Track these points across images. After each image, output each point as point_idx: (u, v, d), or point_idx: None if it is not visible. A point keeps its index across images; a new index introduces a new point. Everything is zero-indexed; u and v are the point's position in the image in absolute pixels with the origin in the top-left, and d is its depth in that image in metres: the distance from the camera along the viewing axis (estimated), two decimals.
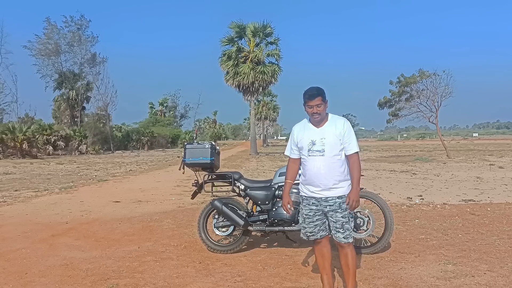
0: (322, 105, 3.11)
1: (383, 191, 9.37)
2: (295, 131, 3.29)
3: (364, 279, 3.72)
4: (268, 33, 30.36)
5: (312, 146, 3.13)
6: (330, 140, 3.09)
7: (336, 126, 3.13)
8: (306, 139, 3.16)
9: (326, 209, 3.13)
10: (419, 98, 24.37)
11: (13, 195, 9.79)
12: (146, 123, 55.11)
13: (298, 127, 3.29)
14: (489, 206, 7.33)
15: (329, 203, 3.11)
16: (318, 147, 3.10)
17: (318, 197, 3.14)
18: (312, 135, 3.15)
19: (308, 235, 3.25)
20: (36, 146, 29.24)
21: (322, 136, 3.11)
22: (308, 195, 3.20)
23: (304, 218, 3.24)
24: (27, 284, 3.76)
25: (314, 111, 3.11)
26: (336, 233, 3.13)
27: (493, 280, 3.62)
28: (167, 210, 7.43)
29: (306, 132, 3.19)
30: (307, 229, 3.24)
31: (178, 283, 3.72)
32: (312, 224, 3.20)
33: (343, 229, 3.10)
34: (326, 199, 3.12)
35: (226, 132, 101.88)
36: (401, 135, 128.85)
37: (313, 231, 3.21)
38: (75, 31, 40.66)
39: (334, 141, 3.10)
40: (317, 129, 3.16)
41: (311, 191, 3.16)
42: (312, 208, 3.18)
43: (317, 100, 3.09)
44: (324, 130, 3.14)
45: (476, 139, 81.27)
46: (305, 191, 3.22)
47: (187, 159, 4.70)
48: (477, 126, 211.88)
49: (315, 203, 3.17)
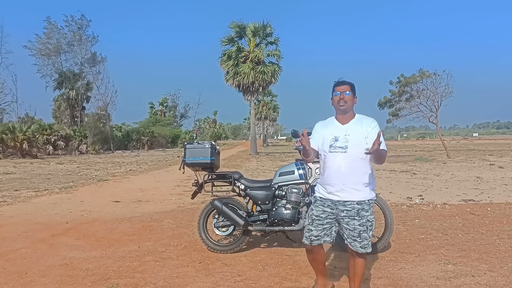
0: (350, 93, 2.96)
1: (383, 191, 9.37)
2: (318, 127, 3.12)
3: (364, 279, 3.71)
4: (268, 33, 30.39)
5: (335, 142, 2.94)
6: (354, 138, 2.91)
7: (362, 124, 2.96)
8: (329, 135, 2.98)
9: (342, 213, 2.90)
10: (419, 98, 24.36)
11: (13, 195, 9.79)
12: (146, 123, 55.13)
13: (322, 123, 3.13)
14: (489, 206, 7.33)
15: (346, 207, 2.89)
16: (341, 143, 2.92)
17: (336, 200, 2.92)
18: (336, 131, 2.97)
19: (312, 239, 2.98)
20: (36, 146, 29.24)
21: (346, 133, 2.94)
22: (325, 197, 2.97)
23: (313, 219, 2.98)
24: (27, 284, 3.75)
25: (341, 97, 2.94)
26: (352, 241, 2.91)
27: (493, 280, 3.62)
28: (167, 210, 7.43)
29: (329, 127, 3.02)
30: (313, 232, 2.97)
31: (178, 283, 3.72)
32: (321, 227, 2.96)
33: (360, 238, 2.88)
34: (344, 203, 2.90)
35: (226, 132, 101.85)
36: (401, 135, 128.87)
37: (319, 235, 2.97)
38: (76, 30, 40.78)
39: (359, 139, 2.90)
40: (342, 126, 2.99)
41: (329, 192, 2.94)
42: (326, 211, 2.95)
43: (345, 87, 2.96)
44: (349, 126, 2.97)
45: (476, 139, 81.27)
46: (322, 192, 3.01)
47: (187, 159, 4.70)
48: (477, 126, 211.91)
49: (330, 206, 2.95)
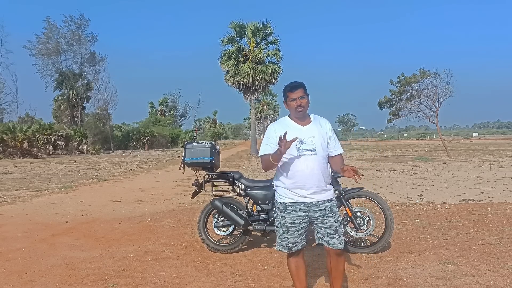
0: (305, 97, 2.90)
1: (383, 191, 9.37)
2: (273, 129, 2.95)
3: (364, 279, 3.72)
4: (268, 33, 30.33)
5: (301, 144, 2.86)
6: (319, 139, 2.89)
7: (321, 125, 2.96)
8: (292, 137, 2.79)
9: (316, 214, 2.88)
10: (419, 98, 24.33)
11: (14, 194, 9.79)
12: (146, 123, 55.10)
13: (277, 125, 2.99)
14: (489, 205, 7.33)
15: (319, 207, 2.88)
16: (309, 146, 2.86)
17: (308, 202, 2.88)
18: (299, 133, 2.86)
19: (290, 246, 2.92)
20: (36, 146, 29.24)
21: (310, 135, 2.88)
22: (296, 201, 2.89)
23: (288, 227, 2.90)
24: (27, 283, 3.76)
25: (298, 103, 2.87)
26: (330, 239, 2.87)
27: (493, 280, 3.62)
28: (167, 210, 7.43)
29: (289, 130, 2.83)
30: (290, 240, 2.91)
31: (178, 283, 3.73)
32: (297, 233, 2.91)
33: (337, 234, 2.87)
34: (317, 203, 2.88)
35: (226, 131, 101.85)
36: (401, 134, 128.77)
37: (296, 241, 2.92)
38: (75, 30, 40.71)
39: (322, 140, 2.90)
40: (303, 127, 2.91)
41: (301, 196, 2.87)
42: (300, 215, 2.89)
43: (299, 91, 2.88)
44: (310, 128, 2.92)
45: (476, 139, 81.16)
46: (292, 196, 2.90)
47: (187, 159, 4.70)
48: (477, 125, 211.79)
49: (303, 209, 2.89)
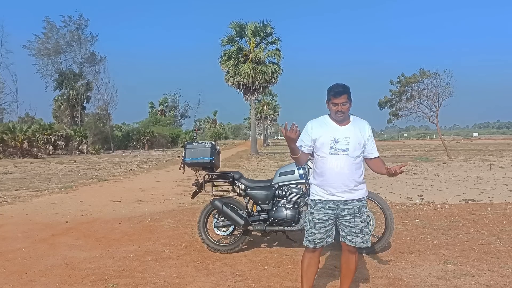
0: (347, 103, 2.93)
1: (384, 191, 9.36)
2: (310, 126, 3.05)
3: (365, 279, 3.72)
4: (268, 33, 30.32)
5: (335, 144, 2.93)
6: (354, 141, 2.94)
7: (359, 128, 3.00)
8: (327, 136, 2.94)
9: (344, 212, 2.95)
10: (419, 98, 24.30)
11: (14, 194, 9.79)
12: (146, 123, 55.08)
13: (315, 123, 3.05)
14: (490, 206, 7.33)
15: (348, 206, 2.95)
16: (342, 146, 2.92)
17: (338, 200, 2.94)
18: (334, 132, 2.95)
19: (316, 242, 2.98)
20: (36, 146, 29.20)
21: (346, 135, 2.94)
22: (325, 198, 2.97)
23: (315, 223, 2.98)
24: (28, 283, 3.76)
25: (339, 109, 2.91)
26: (354, 238, 2.95)
27: (493, 280, 3.63)
28: (167, 210, 7.43)
29: (326, 128, 2.97)
30: (316, 235, 2.97)
31: (179, 283, 3.73)
32: (324, 230, 2.98)
33: (362, 233, 2.95)
34: (345, 202, 2.94)
35: (227, 131, 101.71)
36: (401, 135, 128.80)
37: (323, 237, 2.99)
38: (74, 30, 40.70)
39: (358, 142, 2.95)
40: (340, 127, 2.97)
41: (330, 193, 2.95)
42: (328, 212, 2.96)
43: (343, 98, 2.90)
44: (348, 129, 2.97)
45: (477, 139, 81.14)
46: (321, 194, 2.98)
47: (187, 159, 4.70)
48: (478, 126, 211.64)
49: (331, 207, 2.96)
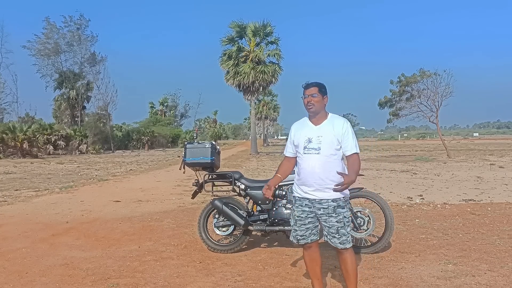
0: (317, 96, 3.03)
1: (384, 191, 9.37)
2: (293, 129, 3.21)
3: (365, 279, 3.71)
4: (268, 33, 30.29)
5: (308, 143, 3.03)
6: (327, 139, 3.00)
7: (334, 125, 3.04)
8: (303, 137, 3.07)
9: (320, 212, 3.01)
10: (419, 98, 24.30)
11: (14, 194, 9.79)
12: (147, 123, 55.09)
13: (297, 125, 3.21)
14: (490, 205, 7.33)
15: (322, 205, 3.00)
16: (314, 145, 3.01)
17: (312, 199, 3.02)
18: (309, 132, 3.06)
19: (298, 238, 3.12)
20: (36, 146, 29.22)
21: (319, 134, 3.02)
22: (302, 196, 3.08)
23: (295, 220, 3.12)
24: (28, 283, 3.76)
25: (309, 100, 3.04)
26: (331, 238, 3.01)
27: (493, 280, 3.62)
28: (168, 210, 7.43)
29: (303, 129, 3.11)
30: (297, 232, 3.12)
31: (179, 283, 3.73)
32: (304, 227, 3.09)
33: (338, 234, 2.98)
34: (320, 201, 3.00)
35: (227, 131, 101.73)
36: (401, 134, 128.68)
37: (304, 234, 3.10)
38: (75, 30, 40.67)
39: (331, 140, 3.00)
40: (315, 127, 3.07)
41: (305, 192, 3.05)
42: (305, 210, 3.07)
43: (312, 89, 3.05)
44: (322, 128, 3.05)
45: (477, 139, 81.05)
46: (299, 191, 3.11)
47: (188, 159, 4.70)
48: (478, 125, 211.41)
49: (308, 205, 3.06)
